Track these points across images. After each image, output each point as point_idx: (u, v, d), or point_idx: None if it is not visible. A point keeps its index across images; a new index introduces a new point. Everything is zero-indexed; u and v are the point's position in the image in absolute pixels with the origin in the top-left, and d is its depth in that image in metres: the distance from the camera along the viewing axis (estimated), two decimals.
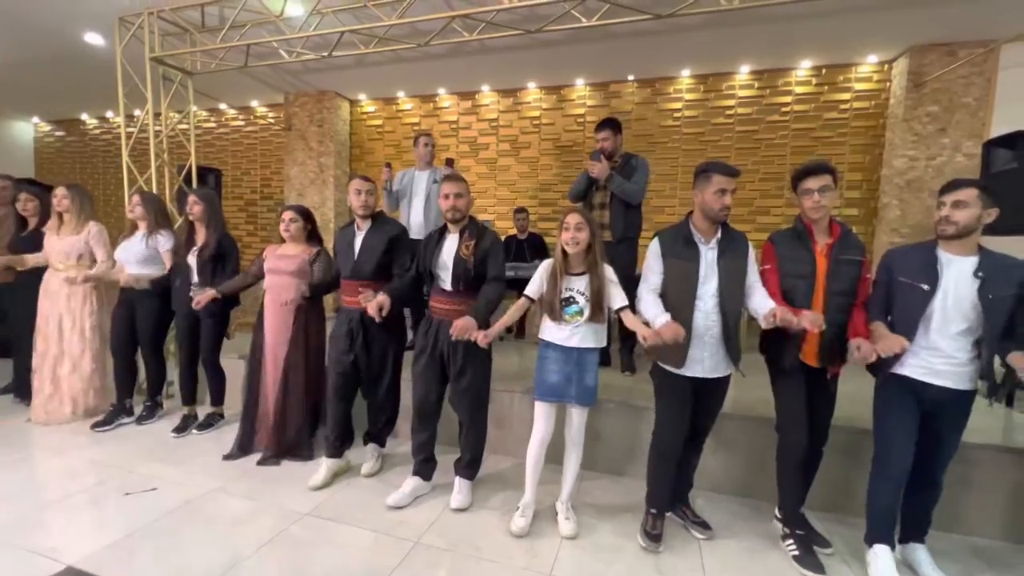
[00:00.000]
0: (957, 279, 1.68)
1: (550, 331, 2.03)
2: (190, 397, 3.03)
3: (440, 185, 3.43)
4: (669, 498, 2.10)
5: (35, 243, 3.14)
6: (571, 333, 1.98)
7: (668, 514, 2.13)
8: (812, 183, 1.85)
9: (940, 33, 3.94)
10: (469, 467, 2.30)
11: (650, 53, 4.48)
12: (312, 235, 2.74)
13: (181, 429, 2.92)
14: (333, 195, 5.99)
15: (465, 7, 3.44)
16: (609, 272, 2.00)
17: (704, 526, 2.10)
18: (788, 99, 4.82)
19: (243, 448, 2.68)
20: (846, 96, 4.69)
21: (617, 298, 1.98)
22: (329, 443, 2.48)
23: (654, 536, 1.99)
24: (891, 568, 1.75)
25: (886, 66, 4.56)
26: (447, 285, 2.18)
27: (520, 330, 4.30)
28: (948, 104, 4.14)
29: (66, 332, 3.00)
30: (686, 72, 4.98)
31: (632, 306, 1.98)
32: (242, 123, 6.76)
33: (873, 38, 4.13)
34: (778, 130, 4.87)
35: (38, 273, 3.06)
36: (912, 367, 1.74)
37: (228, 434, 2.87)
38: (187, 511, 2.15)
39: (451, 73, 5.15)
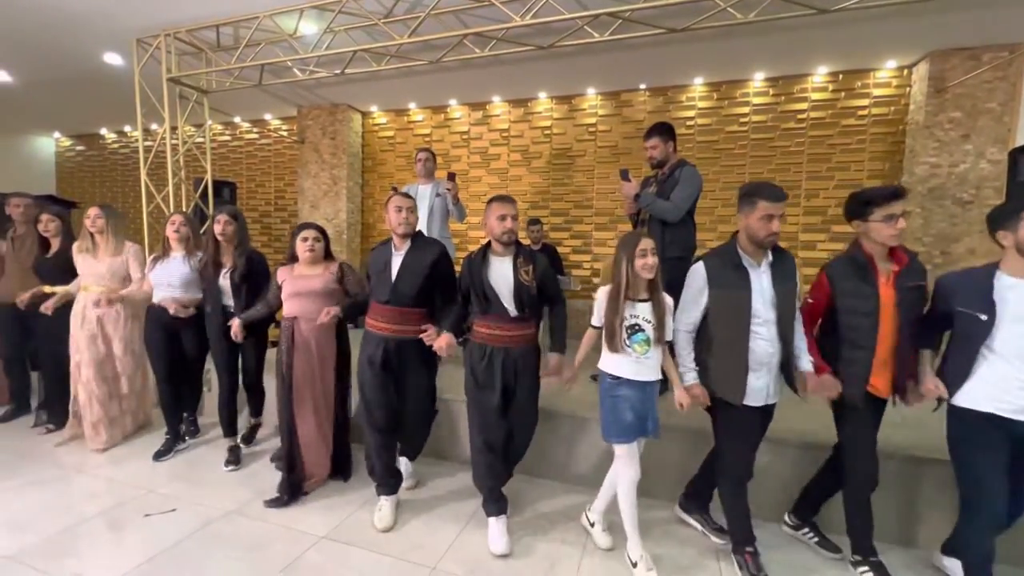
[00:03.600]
0: None
1: (619, 365, 1.89)
2: (232, 428, 2.85)
3: (442, 198, 3.50)
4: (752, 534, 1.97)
5: (59, 265, 3.09)
6: (642, 366, 1.87)
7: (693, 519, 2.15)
8: (898, 207, 1.71)
9: (962, 37, 3.85)
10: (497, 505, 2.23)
11: (662, 62, 4.44)
12: (327, 252, 2.57)
13: (234, 462, 2.77)
14: (346, 207, 6.03)
15: (477, 23, 3.44)
16: (668, 301, 1.92)
17: (722, 531, 2.09)
18: (804, 106, 4.75)
19: (293, 494, 2.42)
20: (864, 102, 4.60)
21: (670, 330, 1.91)
22: (384, 481, 2.32)
23: None
24: None
25: (906, 71, 4.47)
26: (512, 312, 2.07)
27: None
28: (971, 110, 4.04)
29: (103, 356, 2.94)
30: (699, 80, 4.93)
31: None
32: (256, 136, 6.85)
33: (892, 43, 4.05)
34: (794, 137, 4.79)
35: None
36: (994, 401, 1.63)
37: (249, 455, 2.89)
38: (206, 534, 2.16)
39: (462, 84, 5.17)
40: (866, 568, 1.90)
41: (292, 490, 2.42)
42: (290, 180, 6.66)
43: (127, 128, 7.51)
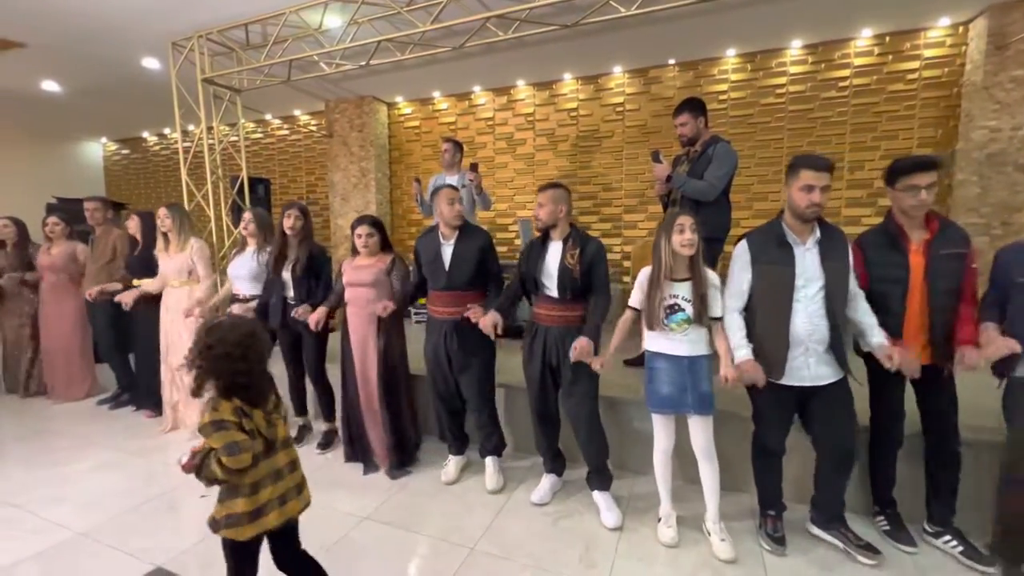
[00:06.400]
0: None
1: (655, 340, 1.97)
2: (301, 408, 3.09)
3: (467, 188, 3.51)
4: (780, 497, 2.04)
5: (144, 262, 3.31)
6: (679, 341, 1.91)
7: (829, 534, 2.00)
8: (921, 179, 1.69)
9: None
10: (598, 478, 2.26)
11: (692, 34, 4.26)
12: (384, 244, 2.65)
13: (297, 440, 2.97)
14: (375, 198, 6.12)
15: (499, 5, 3.38)
16: (713, 277, 1.91)
17: (871, 549, 1.87)
18: (846, 73, 4.47)
19: (366, 463, 2.67)
20: (914, 65, 4.29)
21: (717, 306, 1.90)
22: (450, 442, 2.62)
23: (778, 539, 1.95)
24: None
25: (961, 28, 4.14)
26: (554, 293, 2.17)
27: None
28: None
29: (180, 347, 3.07)
30: (731, 51, 4.71)
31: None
32: (287, 132, 7.01)
33: None
34: (835, 107, 4.53)
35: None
36: None
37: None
38: None
39: (486, 70, 5.12)
40: (882, 519, 2.00)
41: (366, 461, 2.68)
42: (320, 174, 6.81)
43: (167, 130, 7.82)
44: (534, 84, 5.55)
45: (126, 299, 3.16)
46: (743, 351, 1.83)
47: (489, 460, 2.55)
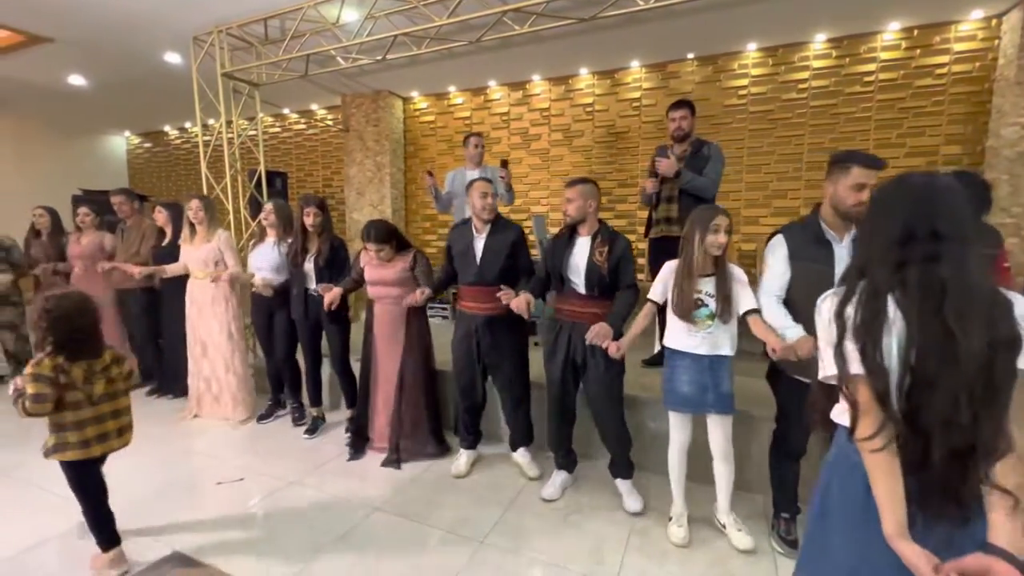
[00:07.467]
0: None
1: (678, 338, 1.95)
2: (317, 399, 3.16)
3: (493, 184, 3.51)
4: (796, 500, 2.01)
5: (171, 253, 3.37)
6: (701, 340, 1.90)
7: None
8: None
9: None
10: (622, 467, 2.30)
11: (712, 28, 4.18)
12: (401, 245, 2.68)
13: (312, 431, 3.03)
14: (390, 193, 6.15)
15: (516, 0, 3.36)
16: (739, 272, 1.90)
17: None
18: (872, 67, 4.35)
19: (357, 449, 2.76)
20: (943, 59, 4.16)
21: (745, 300, 1.87)
22: (463, 437, 2.63)
23: (791, 541, 1.94)
24: None
25: (994, 21, 3.99)
26: (581, 289, 2.16)
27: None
28: None
29: (216, 336, 3.19)
30: (752, 46, 4.62)
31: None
32: (304, 126, 7.08)
33: None
34: (860, 103, 4.41)
35: (180, 280, 3.29)
36: None
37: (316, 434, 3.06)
38: (271, 502, 2.32)
39: (501, 65, 5.10)
40: None
41: (356, 445, 2.77)
42: (336, 168, 6.87)
43: (187, 124, 7.96)
44: (550, 79, 5.51)
45: (158, 270, 3.28)
46: (795, 330, 1.70)
47: (522, 451, 2.57)
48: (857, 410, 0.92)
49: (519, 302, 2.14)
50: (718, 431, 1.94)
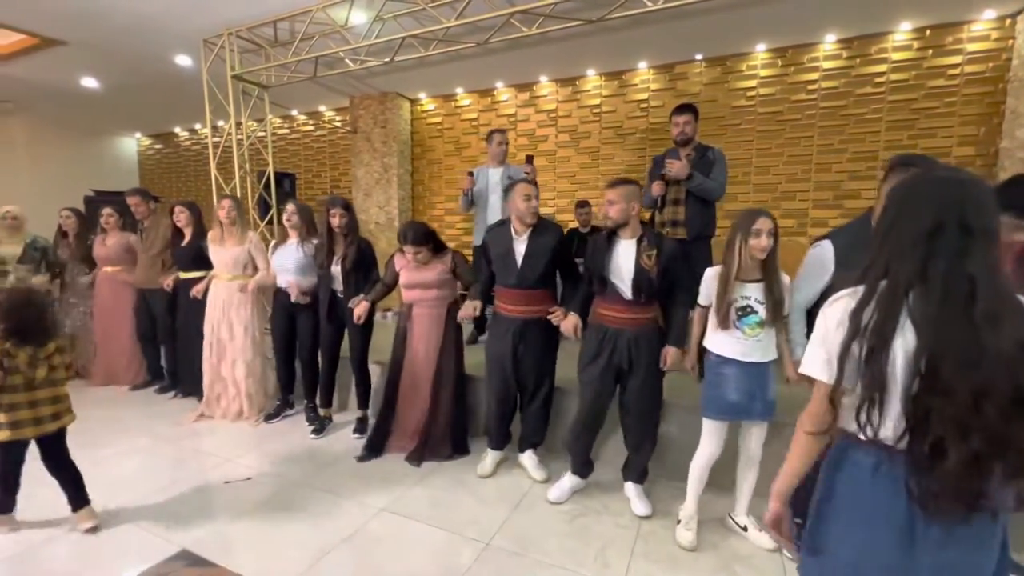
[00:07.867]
0: None
1: (724, 344, 1.89)
2: (328, 400, 3.16)
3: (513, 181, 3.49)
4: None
5: (191, 254, 3.38)
6: (752, 347, 1.85)
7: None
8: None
9: None
10: (639, 472, 2.30)
11: (720, 29, 4.16)
12: (437, 247, 2.68)
13: (320, 430, 3.04)
14: (397, 194, 6.17)
15: (525, 1, 3.36)
16: (786, 279, 1.86)
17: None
18: (883, 68, 4.31)
19: (375, 449, 2.75)
20: (956, 60, 4.11)
21: (786, 307, 1.85)
22: (492, 438, 2.62)
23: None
24: None
25: (1008, 21, 3.94)
26: (628, 295, 2.09)
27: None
28: None
29: (237, 338, 3.19)
30: (761, 47, 4.59)
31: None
32: (312, 128, 7.12)
33: None
34: (870, 103, 4.37)
35: (197, 282, 3.28)
36: None
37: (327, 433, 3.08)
38: (278, 501, 2.33)
39: (509, 66, 5.10)
40: None
41: (375, 444, 2.76)
42: (344, 169, 6.90)
43: (197, 125, 8.04)
44: (557, 80, 5.51)
45: (198, 291, 3.24)
46: (802, 350, 1.73)
47: (529, 453, 2.57)
48: (836, 407, 0.95)
49: (567, 325, 2.16)
50: (756, 437, 1.94)
